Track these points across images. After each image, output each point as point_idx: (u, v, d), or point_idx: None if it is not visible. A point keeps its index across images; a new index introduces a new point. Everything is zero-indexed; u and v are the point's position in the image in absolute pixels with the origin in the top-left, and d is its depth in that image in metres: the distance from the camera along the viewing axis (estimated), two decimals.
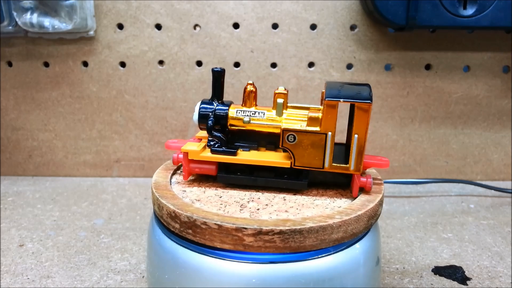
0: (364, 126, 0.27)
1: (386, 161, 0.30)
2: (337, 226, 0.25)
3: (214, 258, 0.26)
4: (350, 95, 0.28)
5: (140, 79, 0.56)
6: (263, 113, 0.31)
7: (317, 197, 0.30)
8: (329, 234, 0.25)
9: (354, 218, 0.26)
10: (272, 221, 0.25)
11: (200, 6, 0.54)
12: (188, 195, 0.30)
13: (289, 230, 0.24)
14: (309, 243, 0.25)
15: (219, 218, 0.25)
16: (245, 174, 0.31)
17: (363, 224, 0.27)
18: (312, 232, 0.25)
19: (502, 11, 0.47)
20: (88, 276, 0.37)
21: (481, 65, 0.55)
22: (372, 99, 0.27)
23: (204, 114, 0.32)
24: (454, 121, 0.58)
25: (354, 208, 0.27)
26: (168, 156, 0.59)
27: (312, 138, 0.28)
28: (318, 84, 0.56)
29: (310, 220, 0.25)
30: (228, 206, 0.28)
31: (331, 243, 0.26)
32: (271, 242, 0.25)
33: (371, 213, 0.27)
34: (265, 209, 0.28)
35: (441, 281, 0.36)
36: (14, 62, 0.56)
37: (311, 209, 0.28)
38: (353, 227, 0.26)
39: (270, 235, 0.24)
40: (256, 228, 0.24)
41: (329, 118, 0.28)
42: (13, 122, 0.59)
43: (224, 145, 0.31)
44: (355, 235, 0.27)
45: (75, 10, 0.51)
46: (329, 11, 0.53)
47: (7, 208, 0.50)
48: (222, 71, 0.32)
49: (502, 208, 0.51)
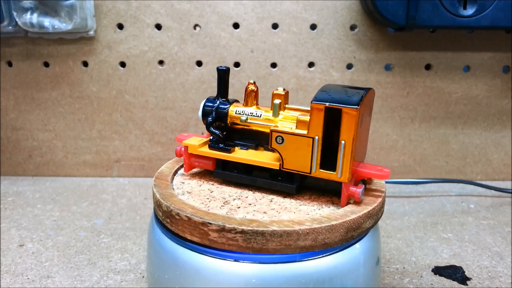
0: (351, 132, 0.26)
1: (385, 172, 0.28)
2: (304, 233, 0.24)
3: (214, 258, 0.26)
4: (338, 99, 0.26)
5: (140, 79, 0.56)
6: (260, 113, 0.31)
7: (306, 202, 0.29)
8: (294, 240, 0.24)
9: (326, 228, 0.25)
10: (238, 220, 0.25)
11: (200, 6, 0.54)
12: (183, 187, 0.31)
13: (251, 231, 0.24)
14: (272, 246, 0.25)
15: (192, 211, 0.26)
16: (239, 172, 0.31)
17: (339, 236, 0.25)
18: (275, 236, 0.24)
19: (502, 11, 0.47)
20: (88, 276, 0.37)
21: (481, 65, 0.55)
22: (359, 105, 0.26)
23: (207, 111, 0.32)
24: (454, 121, 0.58)
25: (331, 217, 0.26)
26: (168, 156, 0.59)
27: (300, 141, 0.28)
28: (318, 84, 0.56)
29: (277, 224, 0.25)
30: (212, 201, 0.29)
31: (298, 249, 0.25)
32: (234, 240, 0.25)
33: (351, 225, 0.26)
34: (246, 208, 0.28)
35: (441, 281, 0.36)
36: (14, 62, 0.56)
37: (291, 213, 0.27)
38: (324, 237, 0.25)
39: (233, 233, 0.25)
40: (220, 224, 0.25)
41: (316, 122, 0.27)
42: (13, 122, 0.59)
43: (221, 142, 0.31)
44: (328, 245, 0.25)
45: (75, 10, 0.51)
46: (329, 11, 0.53)
47: (7, 208, 0.50)
48: (227, 70, 0.32)
49: (502, 208, 0.51)
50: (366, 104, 0.27)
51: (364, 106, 0.27)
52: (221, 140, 0.31)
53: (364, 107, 0.27)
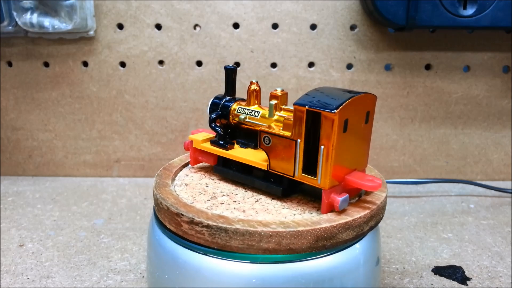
0: (331, 137, 0.25)
1: (375, 183, 0.26)
2: (267, 235, 0.24)
3: (214, 258, 0.26)
4: (319, 102, 0.25)
5: (140, 79, 0.56)
6: (258, 113, 0.31)
7: (291, 205, 0.28)
8: (257, 241, 0.24)
9: (292, 233, 0.24)
10: (209, 215, 0.26)
11: (200, 6, 0.54)
12: (184, 179, 0.33)
13: (216, 227, 0.25)
14: (234, 244, 0.25)
15: (173, 202, 0.27)
16: (237, 170, 0.31)
17: (307, 243, 0.25)
18: (238, 234, 0.24)
19: (502, 11, 0.47)
20: (88, 276, 0.37)
21: (481, 65, 0.55)
22: (337, 109, 0.24)
23: (213, 108, 0.33)
24: (454, 121, 0.58)
25: (301, 223, 0.25)
26: (168, 156, 0.59)
27: (284, 143, 0.27)
28: (318, 84, 0.56)
29: (242, 223, 0.25)
30: (202, 195, 0.30)
31: (261, 251, 0.25)
32: (201, 233, 0.26)
33: (322, 234, 0.25)
34: (229, 205, 0.28)
35: (441, 281, 0.36)
36: (14, 62, 0.56)
37: (269, 215, 0.27)
38: (289, 242, 0.24)
39: (200, 226, 0.25)
40: (190, 217, 0.26)
41: (298, 125, 0.26)
42: (13, 122, 0.59)
43: (222, 138, 0.32)
44: (294, 251, 0.25)
45: (75, 10, 0.51)
46: (329, 11, 0.53)
47: (7, 208, 0.50)
48: (234, 69, 0.33)
49: (502, 208, 0.51)
50: (355, 109, 0.26)
51: (351, 110, 0.26)
52: (221, 137, 0.32)
53: (351, 112, 0.26)
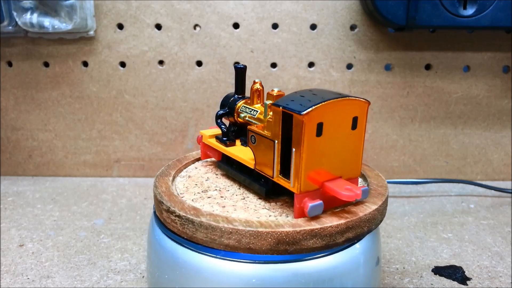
0: (301, 140, 0.24)
1: (352, 193, 0.25)
2: (227, 231, 0.24)
3: (214, 258, 0.26)
4: (293, 104, 0.25)
5: (140, 79, 0.56)
6: (257, 112, 0.31)
7: (274, 206, 0.28)
8: (218, 236, 0.25)
9: (251, 232, 0.24)
10: (184, 206, 0.27)
11: (200, 6, 0.54)
12: (191, 171, 0.34)
13: (185, 217, 0.26)
14: (200, 236, 0.26)
15: (162, 190, 0.29)
16: (235, 168, 0.32)
17: (267, 244, 0.24)
18: (202, 227, 0.25)
19: (502, 11, 0.47)
20: (88, 276, 0.37)
21: (481, 65, 0.55)
22: (305, 112, 0.23)
23: (223, 106, 0.34)
24: (454, 121, 0.58)
25: (265, 224, 0.25)
26: (168, 156, 0.59)
27: (266, 143, 0.27)
28: (318, 84, 0.56)
29: (209, 217, 0.25)
30: (195, 187, 0.31)
31: (222, 246, 0.25)
32: (175, 222, 0.27)
33: (283, 238, 0.24)
34: (214, 199, 0.29)
35: (441, 281, 0.36)
36: (14, 62, 0.56)
37: (245, 213, 0.27)
38: (248, 241, 0.24)
39: (173, 215, 0.27)
40: (167, 206, 0.27)
41: (276, 125, 0.26)
42: (13, 122, 0.59)
43: (225, 135, 0.33)
44: (253, 251, 0.25)
45: (75, 10, 0.51)
46: (329, 11, 0.53)
47: (7, 208, 0.50)
48: (244, 68, 0.33)
49: (502, 208, 0.51)
50: (335, 114, 0.25)
51: (327, 114, 0.25)
52: (225, 134, 0.33)
53: (327, 115, 0.25)
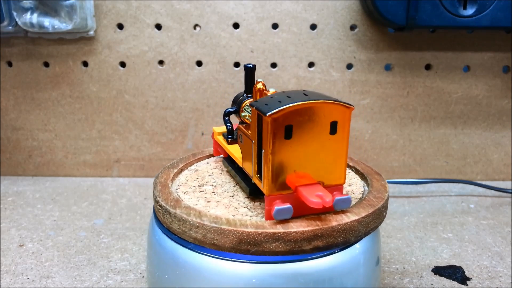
0: (267, 141, 0.24)
1: (317, 201, 0.23)
2: (195, 225, 0.25)
3: (214, 258, 0.26)
4: (265, 105, 0.24)
5: (140, 79, 0.56)
6: None
7: (256, 205, 0.28)
8: (188, 228, 0.26)
9: (215, 229, 0.25)
10: (170, 197, 0.28)
11: (200, 6, 0.54)
12: (200, 165, 0.36)
13: (164, 208, 0.27)
14: (174, 227, 0.27)
15: (159, 181, 0.31)
16: (234, 165, 0.32)
17: (229, 242, 0.25)
18: (176, 218, 0.26)
19: (502, 11, 0.47)
20: (88, 276, 0.37)
21: (481, 65, 0.55)
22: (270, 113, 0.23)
23: (233, 103, 0.35)
24: (454, 121, 0.58)
25: (232, 222, 0.25)
26: (168, 156, 0.59)
27: (248, 142, 0.27)
28: (318, 84, 0.56)
29: (183, 210, 0.27)
30: (195, 181, 0.32)
31: (191, 239, 0.26)
32: (159, 212, 0.28)
33: (245, 238, 0.24)
34: (205, 194, 0.30)
35: (441, 281, 0.36)
36: (14, 62, 0.56)
37: (225, 210, 0.27)
38: (213, 237, 0.25)
39: (158, 205, 0.28)
40: (156, 195, 0.29)
41: (253, 125, 0.26)
42: (13, 122, 0.59)
43: (229, 133, 0.33)
44: (218, 248, 0.25)
45: (75, 10, 0.51)
46: (329, 11, 0.53)
47: (7, 208, 0.50)
48: (253, 67, 0.33)
49: (502, 208, 0.51)
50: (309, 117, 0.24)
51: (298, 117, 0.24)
52: (229, 132, 0.33)
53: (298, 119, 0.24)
